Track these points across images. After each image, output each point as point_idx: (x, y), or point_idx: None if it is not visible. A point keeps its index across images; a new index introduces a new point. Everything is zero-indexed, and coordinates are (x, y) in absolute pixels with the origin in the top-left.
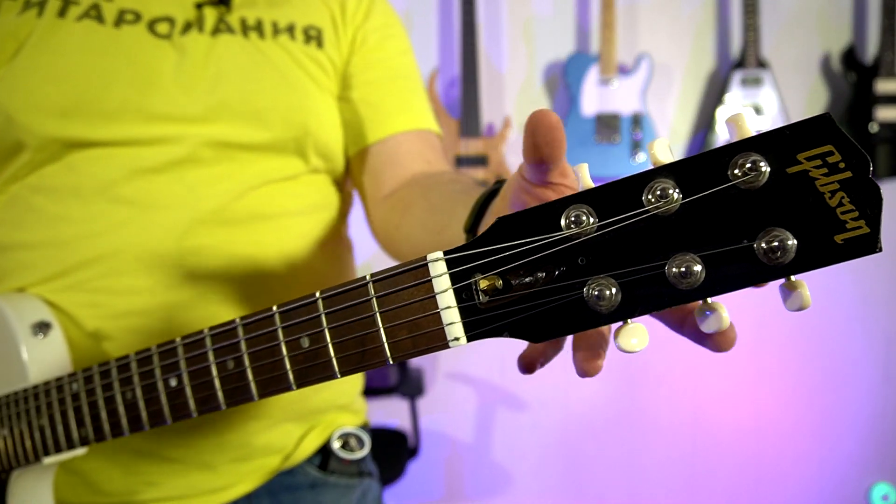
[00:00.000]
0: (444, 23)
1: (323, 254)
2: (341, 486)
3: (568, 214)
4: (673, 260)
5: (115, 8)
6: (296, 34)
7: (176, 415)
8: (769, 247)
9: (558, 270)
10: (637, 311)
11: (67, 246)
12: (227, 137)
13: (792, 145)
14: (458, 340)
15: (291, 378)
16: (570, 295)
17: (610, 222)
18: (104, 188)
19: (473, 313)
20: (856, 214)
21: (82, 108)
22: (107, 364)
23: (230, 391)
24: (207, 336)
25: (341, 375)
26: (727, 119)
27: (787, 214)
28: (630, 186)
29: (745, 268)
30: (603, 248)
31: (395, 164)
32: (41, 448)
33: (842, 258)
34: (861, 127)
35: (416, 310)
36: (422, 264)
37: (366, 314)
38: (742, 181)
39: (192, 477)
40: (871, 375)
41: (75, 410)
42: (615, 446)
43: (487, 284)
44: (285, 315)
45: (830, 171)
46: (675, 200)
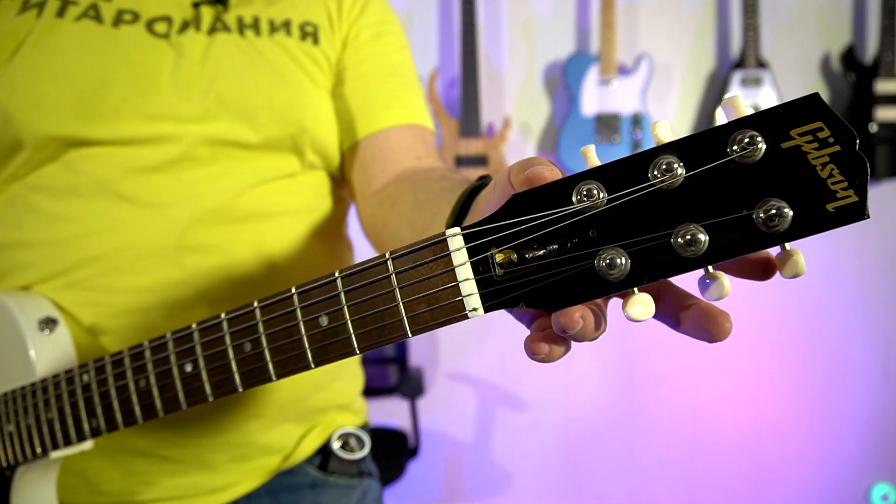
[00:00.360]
0: (444, 23)
1: (323, 252)
2: (341, 487)
3: (579, 190)
4: (678, 230)
5: (114, 8)
6: (292, 31)
7: (191, 399)
8: (767, 215)
9: (570, 242)
10: (645, 278)
11: (67, 244)
12: (225, 136)
13: (785, 122)
14: (476, 311)
15: (310, 356)
16: (583, 265)
17: (619, 195)
18: (103, 187)
19: (490, 285)
20: (845, 185)
21: (80, 108)
22: (119, 353)
23: (247, 373)
24: (224, 320)
25: (360, 351)
26: (724, 101)
27: (783, 186)
28: (637, 163)
29: (745, 235)
30: (613, 221)
31: (384, 159)
32: (49, 442)
33: (834, 225)
34: (861, 127)
35: (436, 283)
36: (441, 239)
37: (385, 290)
38: (740, 156)
39: (191, 477)
40: (871, 375)
41: (86, 401)
42: (615, 446)
43: (503, 258)
44: (304, 295)
45: (821, 145)
46: (679, 175)
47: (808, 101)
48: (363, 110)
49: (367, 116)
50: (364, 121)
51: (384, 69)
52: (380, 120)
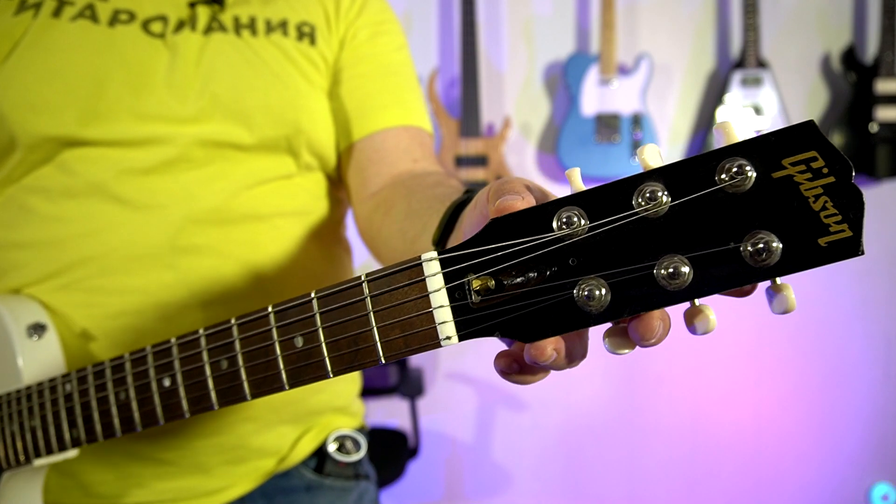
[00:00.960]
0: (444, 23)
1: (319, 254)
2: (337, 489)
3: (560, 216)
4: (661, 261)
5: (110, 8)
6: (289, 31)
7: (168, 415)
8: (755, 249)
9: (550, 271)
10: (626, 311)
11: (61, 246)
12: (219, 137)
13: (777, 151)
14: (450, 339)
15: (284, 378)
16: (561, 295)
17: (600, 224)
18: (97, 188)
19: (465, 312)
20: (839, 218)
21: (74, 107)
22: (101, 364)
23: (223, 391)
24: (202, 336)
25: (334, 375)
26: (715, 126)
27: (773, 218)
28: (620, 189)
29: (732, 269)
30: (594, 250)
31: (380, 161)
32: (32, 450)
33: (825, 261)
34: (861, 127)
35: (409, 309)
36: (416, 264)
37: (360, 313)
38: (729, 185)
39: (185, 479)
40: (871, 375)
41: (67, 411)
42: (615, 446)
43: (480, 284)
44: (280, 314)
45: (814, 175)
46: (664, 203)
47: (801, 129)
48: (360, 111)
49: (363, 117)
50: (360, 122)
51: (382, 69)
52: (376, 121)
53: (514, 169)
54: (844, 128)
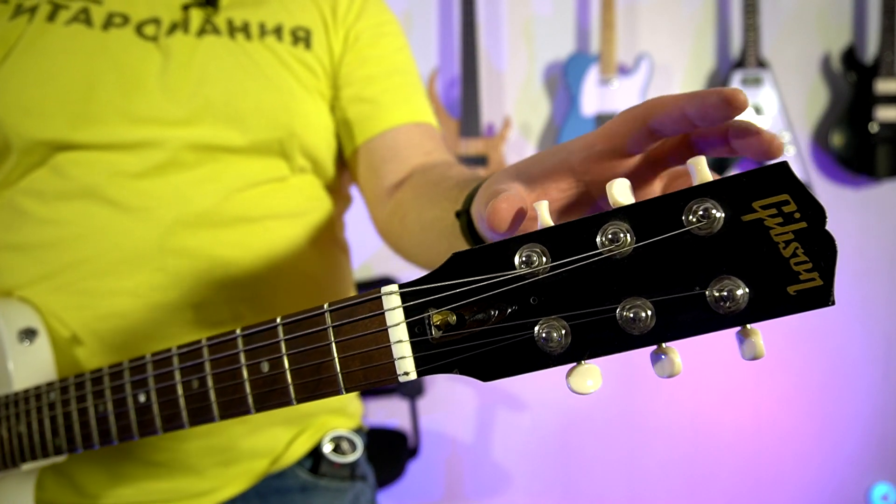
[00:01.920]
0: (444, 23)
1: (314, 256)
2: (332, 490)
3: (521, 253)
4: (624, 304)
5: (104, 11)
6: (283, 35)
7: (143, 431)
8: (720, 295)
9: (510, 309)
10: (586, 354)
11: (53, 248)
12: (211, 140)
13: (748, 193)
14: (408, 375)
15: (251, 402)
16: (521, 335)
17: (562, 263)
18: (89, 191)
19: (425, 348)
20: (809, 266)
21: (68, 111)
22: (82, 376)
23: (193, 411)
24: (175, 355)
25: (297, 402)
26: (689, 161)
27: (741, 263)
28: (584, 228)
29: (697, 315)
30: (555, 289)
31: (393, 159)
32: (19, 454)
33: (794, 310)
34: (861, 127)
35: (369, 342)
36: (376, 297)
37: (322, 343)
38: (696, 227)
39: (177, 480)
40: (871, 375)
41: (51, 420)
42: (615, 447)
43: (441, 319)
44: (248, 338)
45: (785, 220)
46: (628, 244)
47: (774, 171)
48: (368, 112)
49: (372, 118)
50: (370, 122)
51: (386, 70)
52: (386, 120)
53: None
54: (844, 128)
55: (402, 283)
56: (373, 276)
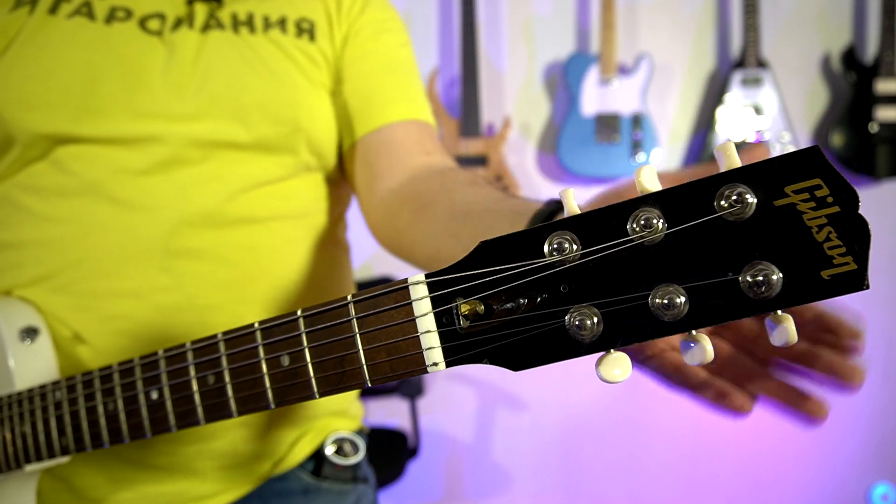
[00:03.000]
0: (444, 23)
1: (317, 257)
2: (335, 493)
3: (551, 241)
4: (656, 291)
5: (107, 5)
6: (287, 27)
7: (156, 428)
8: (754, 280)
9: (540, 297)
10: (619, 342)
11: (53, 246)
12: (215, 136)
13: (780, 177)
14: (437, 366)
15: (270, 396)
16: (552, 323)
17: (593, 250)
18: (91, 188)
19: (453, 338)
20: (843, 250)
21: (70, 105)
22: (90, 374)
23: (209, 406)
24: (189, 350)
25: (320, 396)
26: (716, 147)
27: (774, 248)
28: (615, 214)
29: (730, 301)
30: (586, 277)
31: (390, 154)
32: (23, 455)
33: (828, 294)
34: (861, 127)
35: (396, 333)
36: (403, 287)
37: (346, 335)
38: (728, 213)
39: (179, 484)
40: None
41: (57, 419)
42: (615, 447)
43: (469, 309)
44: (266, 332)
45: (818, 204)
46: (660, 230)
47: (806, 155)
48: (365, 106)
49: (369, 112)
50: (366, 116)
51: (386, 65)
52: (383, 115)
53: (514, 169)
54: (844, 128)
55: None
56: (373, 276)
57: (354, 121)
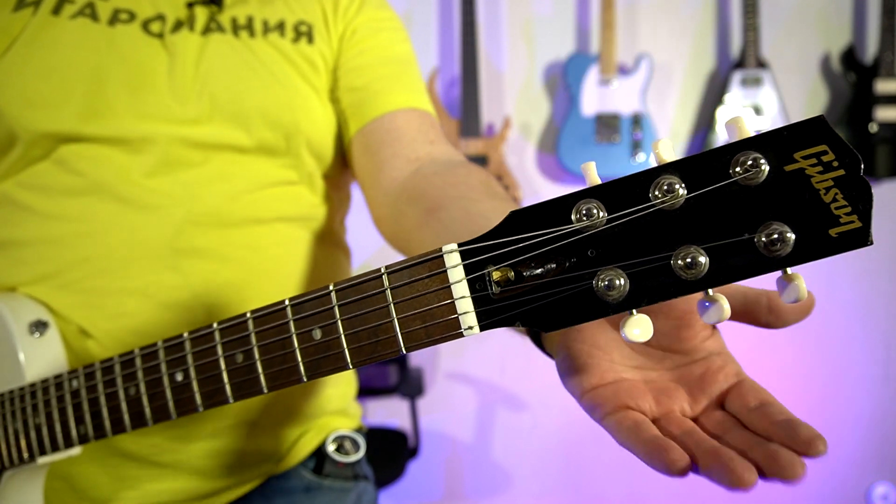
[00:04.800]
0: (444, 23)
1: (320, 259)
2: (336, 490)
3: (579, 208)
4: (678, 252)
5: (110, 7)
6: (286, 31)
7: (181, 409)
8: (769, 239)
9: (569, 262)
10: (644, 300)
11: (58, 244)
12: (218, 139)
13: (789, 145)
14: (472, 329)
15: (303, 370)
16: (581, 285)
17: (619, 216)
18: (96, 187)
19: (486, 303)
20: (849, 210)
21: (73, 103)
22: (110, 360)
23: (238, 384)
24: (216, 330)
25: (353, 366)
26: (727, 121)
27: (785, 209)
28: (638, 182)
29: (746, 259)
30: (612, 241)
31: (393, 142)
32: (37, 447)
33: (836, 251)
34: (861, 127)
35: (431, 300)
36: (437, 255)
37: (380, 305)
38: (743, 178)
39: (182, 482)
40: (871, 376)
41: (75, 407)
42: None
43: (500, 276)
44: (297, 308)
45: (825, 169)
46: (681, 195)
47: (812, 124)
48: (365, 97)
49: (370, 102)
50: (367, 106)
51: (384, 59)
52: (383, 103)
53: (514, 169)
54: (844, 128)
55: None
56: None
57: (353, 113)
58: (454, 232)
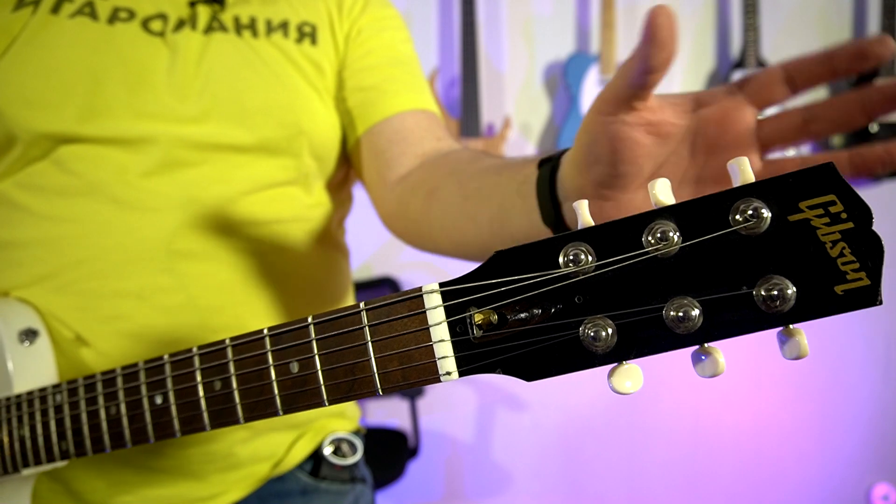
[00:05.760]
0: (444, 23)
1: (318, 260)
2: (333, 493)
3: (566, 252)
4: (671, 303)
5: (110, 6)
6: (289, 32)
7: (159, 433)
8: (768, 294)
9: (555, 308)
10: (633, 353)
11: (54, 246)
12: (219, 138)
13: (794, 193)
14: (450, 375)
15: (279, 403)
16: (566, 334)
17: (608, 262)
18: (93, 188)
19: (467, 348)
20: (856, 266)
21: (71, 103)
22: (92, 377)
23: (216, 412)
24: (196, 355)
25: (329, 404)
26: (729, 163)
27: (788, 263)
28: (630, 227)
29: (744, 314)
30: (601, 288)
31: (402, 141)
32: (20, 459)
33: (841, 309)
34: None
35: (409, 341)
36: (416, 295)
37: (358, 343)
38: (743, 227)
39: (178, 487)
40: (871, 376)
41: (57, 423)
42: (615, 447)
43: (482, 319)
44: (276, 338)
45: (832, 220)
46: (675, 243)
47: (820, 171)
48: (373, 97)
49: (377, 103)
50: (374, 108)
51: (390, 59)
52: (392, 105)
53: None
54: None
55: (441, 281)
56: (372, 277)
57: (361, 112)
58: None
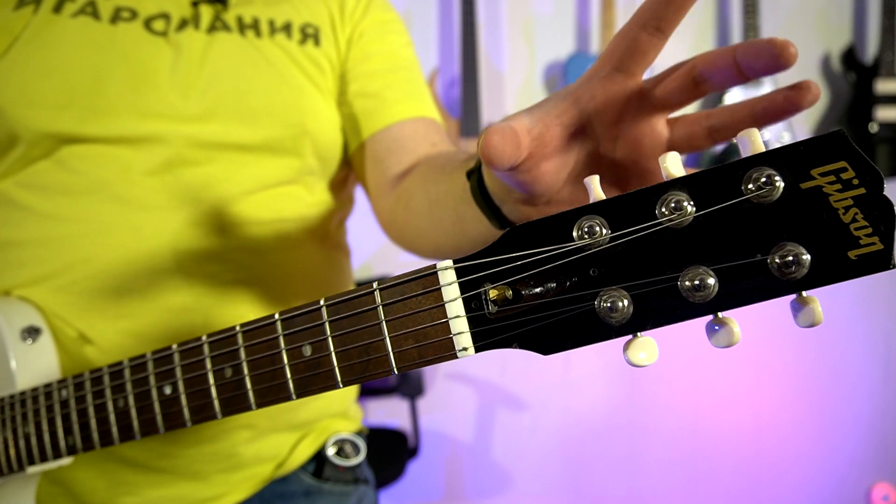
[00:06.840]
0: (444, 23)
1: (320, 259)
2: (336, 494)
3: (580, 225)
4: (686, 273)
5: (112, 5)
6: (292, 33)
7: (169, 424)
8: (783, 261)
9: (570, 281)
10: (649, 324)
11: (57, 245)
12: (223, 137)
13: (806, 161)
14: (467, 351)
15: (292, 387)
16: (582, 306)
17: (623, 234)
18: (96, 187)
19: (482, 323)
20: (869, 231)
21: (74, 103)
22: (99, 371)
23: (227, 400)
24: (205, 343)
25: (343, 385)
26: (740, 133)
27: (801, 229)
28: (643, 198)
29: (759, 282)
30: (615, 260)
31: (399, 150)
32: (26, 457)
33: (855, 274)
34: (861, 127)
35: (424, 319)
36: (431, 272)
37: (371, 322)
38: (756, 195)
39: (181, 487)
40: (871, 376)
41: (63, 418)
42: (615, 447)
43: (497, 294)
44: (287, 322)
45: (844, 186)
46: (689, 213)
47: (831, 139)
48: (374, 105)
49: (378, 111)
50: (375, 116)
51: (391, 65)
52: (391, 114)
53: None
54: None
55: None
56: (372, 277)
57: (363, 120)
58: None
